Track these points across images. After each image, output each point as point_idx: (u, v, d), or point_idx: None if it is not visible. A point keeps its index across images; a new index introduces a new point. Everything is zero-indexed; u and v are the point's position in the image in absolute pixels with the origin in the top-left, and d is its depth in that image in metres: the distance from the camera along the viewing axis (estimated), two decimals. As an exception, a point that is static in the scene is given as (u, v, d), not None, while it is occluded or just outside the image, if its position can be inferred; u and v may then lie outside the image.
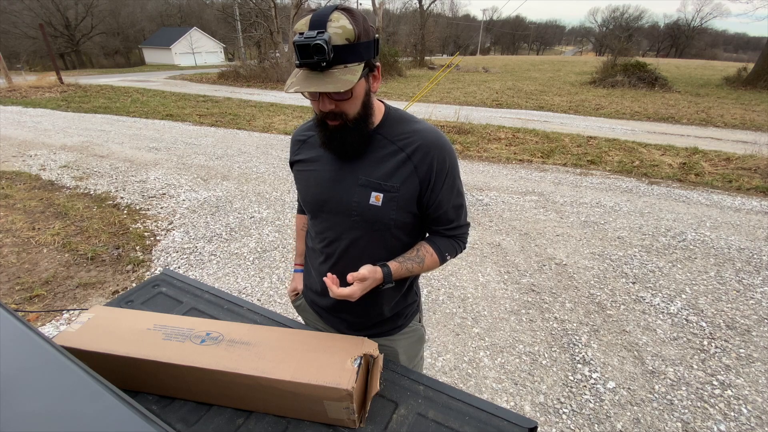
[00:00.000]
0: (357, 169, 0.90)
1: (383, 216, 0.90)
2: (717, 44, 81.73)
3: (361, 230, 0.93)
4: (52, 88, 12.47)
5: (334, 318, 1.08)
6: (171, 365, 0.80)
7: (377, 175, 0.89)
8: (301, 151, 1.01)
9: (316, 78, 0.74)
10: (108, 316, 0.93)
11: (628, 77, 14.90)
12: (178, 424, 0.80)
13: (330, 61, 0.72)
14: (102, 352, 0.82)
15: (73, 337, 0.85)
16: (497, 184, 4.85)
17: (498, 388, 1.97)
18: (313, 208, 0.98)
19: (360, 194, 0.90)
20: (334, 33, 0.72)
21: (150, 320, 0.92)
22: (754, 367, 2.11)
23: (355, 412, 0.77)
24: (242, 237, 3.46)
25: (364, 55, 0.77)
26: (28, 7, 33.34)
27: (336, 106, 0.80)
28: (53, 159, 5.46)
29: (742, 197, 4.52)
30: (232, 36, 28.58)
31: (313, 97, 0.81)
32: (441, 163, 0.89)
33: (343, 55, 0.74)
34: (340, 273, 0.94)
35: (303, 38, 0.71)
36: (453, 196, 0.94)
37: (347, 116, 0.83)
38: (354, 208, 0.90)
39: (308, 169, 0.98)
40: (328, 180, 0.93)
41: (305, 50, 0.71)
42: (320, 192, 0.95)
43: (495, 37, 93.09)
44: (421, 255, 0.95)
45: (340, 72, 0.74)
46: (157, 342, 0.85)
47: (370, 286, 0.88)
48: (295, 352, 0.84)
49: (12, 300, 2.52)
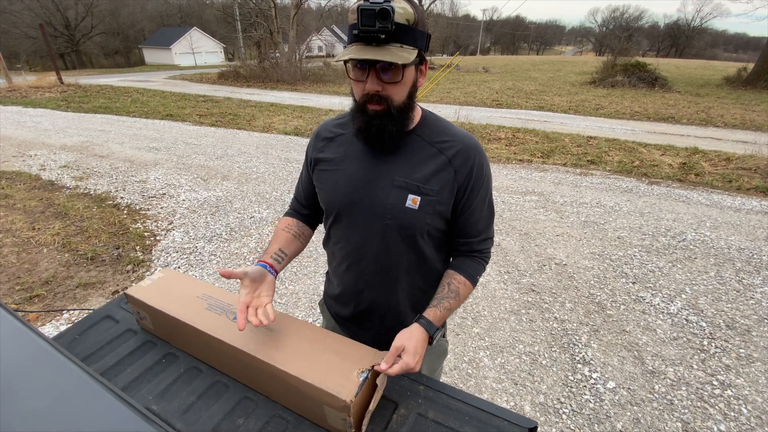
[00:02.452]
0: (392, 169, 0.86)
1: (419, 220, 0.85)
2: (717, 44, 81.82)
3: (391, 235, 0.88)
4: (52, 88, 12.47)
5: (356, 327, 1.03)
6: (205, 334, 0.87)
7: (416, 177, 0.85)
8: (327, 149, 0.95)
9: (372, 50, 0.71)
10: (172, 279, 1.06)
11: (628, 77, 14.90)
12: (178, 424, 0.80)
13: (389, 35, 0.70)
14: (157, 308, 0.94)
15: (142, 291, 0.99)
16: (497, 184, 4.85)
17: (498, 388, 1.97)
18: (340, 209, 0.92)
19: (396, 196, 0.85)
20: (398, 9, 0.70)
21: (201, 289, 1.02)
22: (754, 367, 2.11)
23: (352, 426, 0.76)
24: (242, 237, 3.46)
25: (419, 42, 0.75)
26: (28, 7, 33.35)
27: (383, 88, 0.76)
28: (53, 159, 5.46)
29: (742, 197, 4.52)
30: (232, 36, 28.57)
31: (358, 77, 0.77)
32: (479, 169, 0.87)
33: (402, 35, 0.72)
34: (360, 278, 0.94)
35: (369, 3, 0.68)
36: (485, 206, 0.91)
37: (392, 102, 0.78)
38: (389, 210, 0.85)
39: (336, 168, 0.92)
40: (361, 180, 0.88)
41: (369, 16, 0.68)
42: (352, 192, 0.88)
43: (495, 37, 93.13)
44: (453, 288, 0.90)
45: (397, 49, 0.72)
46: (201, 310, 0.94)
47: (418, 346, 0.80)
48: (309, 350, 0.84)
49: (12, 300, 2.52)
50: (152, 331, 1.02)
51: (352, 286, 0.98)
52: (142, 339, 1.01)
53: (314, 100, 11.79)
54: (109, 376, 0.90)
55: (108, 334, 1.03)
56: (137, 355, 0.96)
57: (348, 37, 0.75)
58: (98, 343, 0.99)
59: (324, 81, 16.55)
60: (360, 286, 0.96)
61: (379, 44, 0.71)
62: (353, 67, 0.77)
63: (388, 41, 0.71)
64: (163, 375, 0.91)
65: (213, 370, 0.92)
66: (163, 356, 0.96)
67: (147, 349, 0.98)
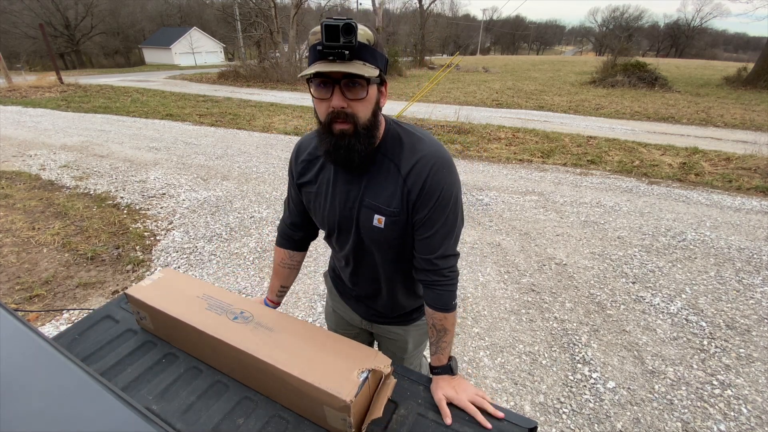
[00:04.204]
0: (361, 189, 0.90)
1: (386, 237, 0.91)
2: (717, 44, 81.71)
3: (369, 247, 0.96)
4: (52, 88, 12.47)
5: (358, 304, 1.17)
6: (205, 334, 0.88)
7: (379, 199, 0.88)
8: (307, 172, 0.99)
9: (337, 65, 0.73)
10: (172, 279, 1.07)
11: (628, 77, 14.90)
12: (178, 424, 0.80)
13: (353, 52, 0.72)
14: (157, 308, 0.95)
15: (142, 291, 1.00)
16: (497, 183, 4.85)
17: (498, 388, 1.97)
18: (329, 228, 1.01)
19: (365, 215, 0.90)
20: (359, 29, 0.72)
21: (202, 289, 1.03)
22: (754, 366, 2.11)
23: (352, 426, 0.76)
24: (242, 237, 3.46)
25: (379, 62, 0.78)
26: (28, 7, 33.32)
27: (348, 105, 0.77)
28: (53, 159, 5.46)
29: (742, 197, 4.52)
30: (232, 36, 28.56)
31: (322, 95, 0.78)
32: (434, 185, 0.85)
33: (364, 53, 0.74)
34: (361, 276, 1.05)
35: (332, 20, 0.69)
36: (442, 222, 0.88)
37: (358, 119, 0.79)
38: (361, 228, 0.92)
39: (318, 192, 0.97)
40: (339, 202, 0.93)
41: (333, 31, 0.69)
42: (333, 214, 0.96)
43: (495, 37, 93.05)
44: (439, 327, 0.94)
45: (360, 66, 0.74)
46: (201, 310, 0.95)
47: (448, 387, 0.89)
48: (310, 350, 0.85)
49: (12, 300, 2.52)
50: (152, 331, 1.02)
51: (349, 278, 1.10)
52: (142, 339, 1.01)
53: (314, 100, 11.77)
54: (109, 376, 0.90)
55: (108, 334, 1.03)
56: (137, 355, 0.96)
57: (310, 56, 0.76)
58: (98, 343, 0.99)
59: (324, 81, 16.50)
60: (354, 278, 1.09)
61: (342, 61, 0.72)
62: (317, 86, 0.77)
63: (351, 58, 0.73)
64: (163, 375, 0.91)
65: (213, 370, 0.93)
66: (163, 356, 0.96)
67: (147, 349, 0.98)
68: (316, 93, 0.78)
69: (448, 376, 0.91)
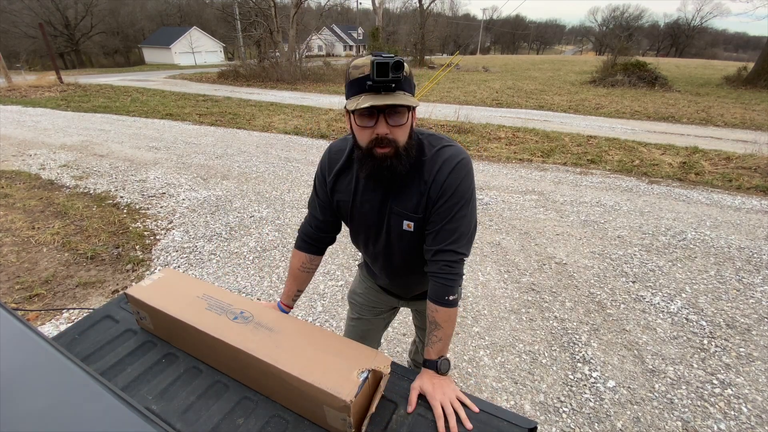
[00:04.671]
0: (389, 197, 0.98)
1: (415, 239, 1.00)
2: (717, 44, 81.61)
3: (396, 248, 1.05)
4: (52, 87, 12.46)
5: (391, 290, 1.28)
6: (205, 334, 0.88)
7: (407, 206, 0.96)
8: (339, 183, 1.05)
9: (384, 97, 0.80)
10: (172, 278, 1.07)
11: (628, 77, 14.90)
12: (178, 424, 0.80)
13: (398, 84, 0.81)
14: (157, 308, 0.95)
15: (142, 291, 1.00)
16: (497, 183, 4.85)
17: (498, 387, 1.97)
18: (358, 231, 1.10)
19: (395, 221, 0.99)
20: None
21: (202, 289, 1.03)
22: (754, 366, 2.11)
23: (352, 426, 0.76)
24: (242, 236, 3.45)
25: (413, 90, 0.86)
26: (28, 7, 33.29)
27: (390, 131, 0.85)
28: (53, 158, 5.46)
29: (742, 196, 4.52)
30: (231, 35, 28.50)
31: (366, 124, 0.85)
32: (449, 186, 0.92)
33: (404, 84, 0.83)
34: (390, 270, 1.13)
35: (382, 57, 0.77)
36: (450, 219, 0.93)
37: (398, 143, 0.87)
38: (391, 232, 1.02)
39: (350, 200, 1.04)
40: (371, 210, 1.02)
41: (384, 68, 0.77)
42: (365, 221, 1.04)
43: (495, 37, 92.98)
44: (431, 319, 0.97)
45: (403, 96, 0.82)
46: (201, 310, 0.95)
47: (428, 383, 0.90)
48: (310, 350, 0.85)
49: (12, 299, 2.51)
50: (152, 331, 1.02)
51: (379, 271, 1.19)
52: (142, 339, 1.01)
53: (314, 100, 11.77)
54: (109, 376, 0.90)
55: (108, 333, 1.02)
56: (137, 355, 0.96)
57: (353, 88, 0.83)
58: (98, 342, 0.99)
59: (324, 80, 16.53)
60: (386, 272, 1.16)
61: (388, 92, 0.81)
62: (361, 115, 0.84)
63: (395, 90, 0.81)
64: (163, 375, 0.91)
65: (213, 370, 0.92)
66: (163, 356, 0.96)
67: (147, 349, 0.98)
68: (360, 122, 0.85)
69: (433, 372, 0.93)
